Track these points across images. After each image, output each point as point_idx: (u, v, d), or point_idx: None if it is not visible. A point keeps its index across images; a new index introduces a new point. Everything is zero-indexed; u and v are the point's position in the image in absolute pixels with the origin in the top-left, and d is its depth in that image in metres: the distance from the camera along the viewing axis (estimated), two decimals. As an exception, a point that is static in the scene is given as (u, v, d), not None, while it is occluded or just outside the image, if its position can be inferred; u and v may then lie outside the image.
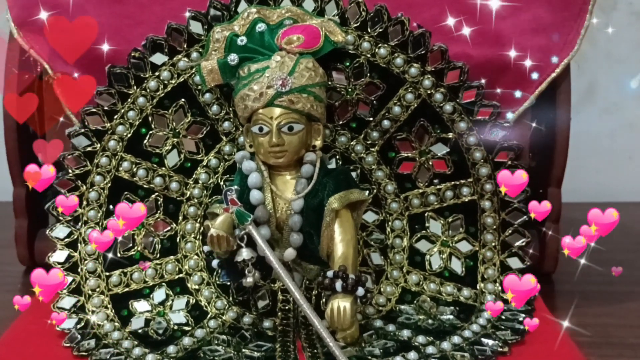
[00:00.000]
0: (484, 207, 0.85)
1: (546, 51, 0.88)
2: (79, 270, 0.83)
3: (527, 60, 0.87)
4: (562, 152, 0.92)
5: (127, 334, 0.78)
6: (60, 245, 0.83)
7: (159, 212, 0.84)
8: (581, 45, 0.89)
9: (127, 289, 0.83)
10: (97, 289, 0.82)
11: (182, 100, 0.84)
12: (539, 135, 0.93)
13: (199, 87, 0.83)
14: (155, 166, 0.84)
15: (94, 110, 0.83)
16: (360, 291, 0.74)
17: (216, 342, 0.77)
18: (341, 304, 0.74)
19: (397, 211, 0.85)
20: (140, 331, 0.79)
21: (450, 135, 0.84)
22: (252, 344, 0.77)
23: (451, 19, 0.87)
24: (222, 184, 0.84)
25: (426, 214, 0.86)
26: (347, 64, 0.83)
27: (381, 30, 0.83)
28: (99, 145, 0.83)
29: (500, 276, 0.85)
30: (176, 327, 0.80)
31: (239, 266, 0.76)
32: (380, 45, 0.83)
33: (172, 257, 0.84)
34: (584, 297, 0.89)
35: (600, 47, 1.27)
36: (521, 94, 0.87)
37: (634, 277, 0.97)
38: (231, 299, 0.82)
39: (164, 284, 0.83)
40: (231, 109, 0.83)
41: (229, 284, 0.82)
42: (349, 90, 0.83)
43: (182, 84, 0.84)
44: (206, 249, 0.83)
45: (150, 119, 0.84)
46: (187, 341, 0.77)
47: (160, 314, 0.81)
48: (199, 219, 0.85)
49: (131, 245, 0.84)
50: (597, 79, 1.31)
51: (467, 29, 0.87)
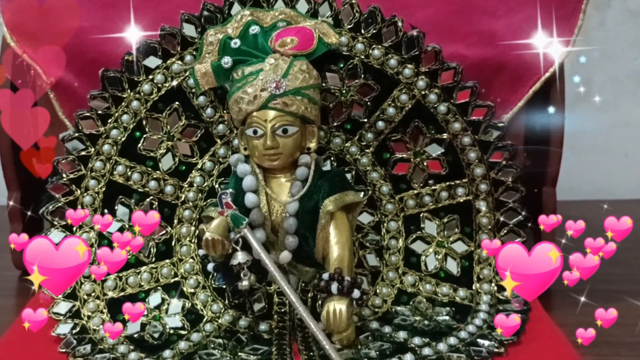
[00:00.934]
0: (479, 208, 0.85)
1: (540, 51, 0.88)
2: (74, 275, 0.82)
3: (521, 60, 0.87)
4: (556, 151, 0.92)
5: (122, 339, 0.78)
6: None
7: (154, 215, 0.84)
8: (575, 43, 0.89)
9: (122, 293, 0.83)
10: (93, 294, 0.82)
11: (176, 103, 0.83)
12: (533, 134, 0.93)
13: (193, 90, 0.83)
14: (149, 170, 0.84)
15: (88, 114, 0.83)
16: (356, 293, 0.74)
17: (212, 345, 0.77)
18: (337, 306, 0.74)
19: (392, 212, 0.85)
20: (136, 336, 0.79)
21: (444, 135, 0.84)
22: (248, 347, 0.77)
23: (445, 19, 0.87)
24: (217, 187, 0.84)
25: (421, 215, 0.86)
26: (341, 65, 0.83)
27: (375, 31, 0.83)
28: (93, 149, 0.83)
29: (495, 276, 0.85)
30: (172, 331, 0.79)
31: (235, 269, 0.76)
32: (374, 46, 0.83)
33: (167, 260, 0.84)
34: (580, 296, 0.89)
35: (594, 45, 1.27)
36: (515, 93, 0.87)
37: (630, 275, 0.97)
38: (227, 302, 0.82)
39: (159, 287, 0.83)
40: (225, 112, 0.83)
41: (224, 287, 0.82)
42: (343, 91, 0.83)
43: (176, 87, 0.83)
44: (201, 252, 0.83)
45: (144, 122, 0.84)
46: (183, 345, 0.77)
47: (156, 318, 0.81)
48: (194, 223, 0.85)
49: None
50: (592, 77, 1.31)
51: (460, 29, 0.87)
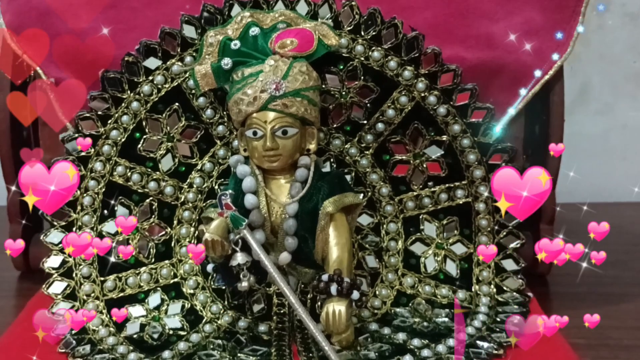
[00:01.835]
0: (479, 209, 0.85)
1: (539, 53, 0.88)
2: (74, 275, 0.82)
3: (520, 62, 0.87)
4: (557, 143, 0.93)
5: (122, 339, 0.78)
6: (54, 250, 0.83)
7: (153, 216, 0.84)
8: (574, 46, 0.89)
9: (122, 294, 0.83)
10: (92, 294, 0.82)
11: (176, 104, 0.84)
12: (532, 136, 0.94)
13: (193, 91, 0.83)
14: (149, 170, 0.84)
15: (88, 115, 0.83)
16: (355, 295, 0.74)
17: (211, 346, 0.77)
18: (336, 308, 0.74)
19: (391, 214, 0.85)
20: (135, 336, 0.79)
21: (444, 137, 0.84)
22: (248, 348, 0.77)
23: (444, 21, 0.87)
24: (216, 188, 0.84)
25: (421, 217, 0.86)
26: (341, 67, 0.83)
27: (375, 33, 0.83)
28: (92, 150, 0.83)
29: (495, 278, 0.85)
30: (171, 332, 0.79)
31: (234, 270, 0.76)
32: (373, 48, 0.83)
33: (167, 261, 0.84)
34: (578, 298, 0.89)
35: (593, 48, 1.27)
36: (515, 96, 0.88)
37: (628, 278, 0.98)
38: (226, 303, 0.82)
39: (159, 288, 0.83)
40: (225, 113, 0.83)
41: (224, 288, 0.82)
42: (343, 93, 0.83)
43: (176, 88, 0.84)
44: (201, 253, 0.83)
45: (144, 123, 0.84)
46: (182, 346, 0.77)
47: (155, 319, 0.81)
48: (193, 223, 0.85)
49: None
50: (591, 80, 1.31)
51: (460, 31, 0.87)
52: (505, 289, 0.85)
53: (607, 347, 0.80)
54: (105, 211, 0.84)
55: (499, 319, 0.81)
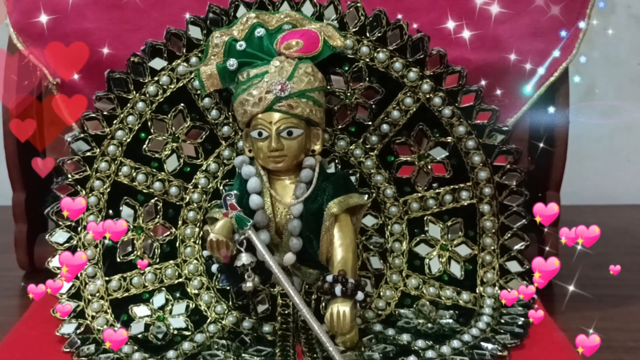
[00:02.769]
0: (483, 211, 0.85)
1: (545, 55, 0.88)
2: (79, 275, 0.83)
3: (526, 64, 0.87)
4: (560, 155, 0.93)
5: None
6: (60, 250, 0.83)
7: (158, 216, 0.84)
8: (579, 48, 0.89)
9: (126, 294, 0.83)
10: (97, 294, 0.82)
11: (182, 105, 0.84)
12: (537, 138, 0.93)
13: (198, 92, 0.83)
14: (154, 171, 0.84)
15: (93, 115, 0.84)
16: (359, 295, 0.75)
17: (216, 346, 0.77)
18: (341, 309, 0.74)
19: (396, 215, 0.85)
20: (140, 336, 0.79)
21: (449, 139, 0.84)
22: (252, 348, 0.77)
23: (450, 23, 0.87)
24: (221, 188, 0.84)
25: (425, 218, 0.86)
26: (346, 68, 0.83)
27: (380, 34, 0.83)
28: (98, 150, 0.84)
29: (499, 280, 0.85)
30: (176, 332, 0.80)
31: (239, 271, 0.76)
32: (379, 49, 0.83)
33: (171, 261, 0.84)
34: (583, 300, 0.89)
35: (598, 50, 1.27)
36: (520, 98, 0.88)
37: (632, 280, 0.98)
38: (231, 303, 0.82)
39: (163, 288, 0.83)
40: (230, 114, 0.83)
41: (228, 288, 0.82)
42: (348, 94, 0.83)
43: (182, 89, 0.84)
44: (206, 253, 0.83)
45: (149, 123, 0.84)
46: (186, 346, 0.77)
47: (160, 319, 0.81)
48: (198, 224, 0.85)
49: (131, 250, 0.84)
50: (596, 82, 1.31)
51: (465, 33, 0.87)
52: (509, 290, 0.85)
53: (610, 349, 0.79)
54: (110, 211, 0.84)
55: (503, 321, 0.81)
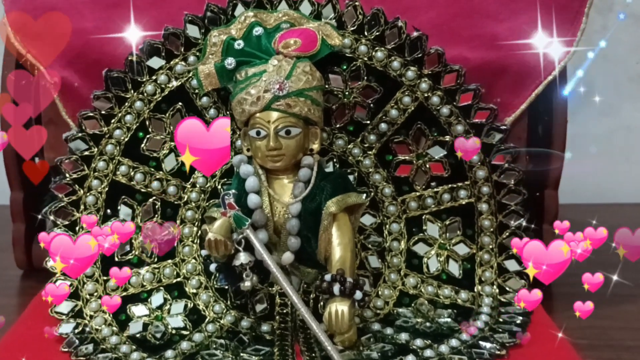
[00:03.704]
0: (481, 210, 0.85)
1: (543, 54, 0.88)
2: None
3: (524, 62, 0.87)
4: (558, 154, 0.92)
5: (125, 339, 0.78)
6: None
7: (156, 216, 0.84)
8: (577, 47, 0.89)
9: (125, 293, 0.83)
10: (95, 294, 0.82)
11: (180, 104, 0.84)
12: (535, 137, 0.93)
13: (196, 91, 0.83)
14: (152, 170, 0.84)
15: (91, 114, 0.83)
16: (358, 294, 0.75)
17: (214, 346, 0.77)
18: (339, 308, 0.74)
19: (394, 214, 0.85)
20: (138, 335, 0.79)
21: (447, 138, 0.84)
22: (250, 347, 0.77)
23: (448, 22, 0.87)
24: (219, 187, 0.84)
25: (423, 217, 0.86)
26: (344, 67, 0.83)
27: (378, 33, 0.83)
28: (96, 149, 0.84)
29: (497, 279, 0.85)
30: (174, 332, 0.79)
31: (237, 270, 0.76)
32: (377, 48, 0.83)
33: (169, 261, 0.84)
34: (581, 299, 0.89)
35: (597, 49, 1.27)
36: (518, 96, 0.88)
37: (631, 279, 0.97)
38: (229, 302, 0.82)
39: (161, 288, 0.83)
40: (228, 113, 0.83)
41: (226, 287, 0.82)
42: (346, 93, 0.83)
43: (180, 88, 0.84)
44: (204, 253, 0.83)
45: (147, 122, 0.84)
46: (185, 345, 0.77)
47: (158, 318, 0.81)
48: (196, 223, 0.85)
49: (129, 249, 0.84)
50: (594, 81, 1.31)
51: (463, 32, 0.87)
52: (507, 289, 0.85)
53: (610, 348, 0.79)
54: (108, 210, 0.84)
55: (501, 320, 0.81)
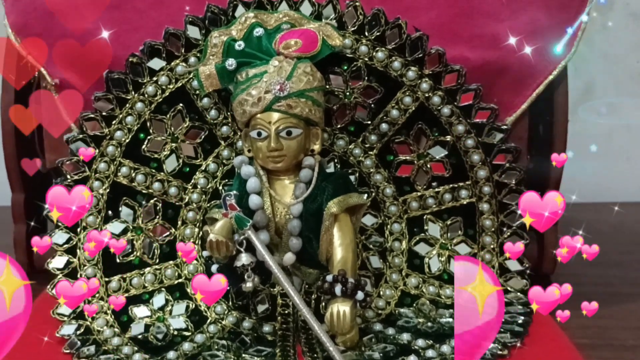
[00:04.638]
0: (483, 210, 0.85)
1: (543, 53, 0.88)
2: (78, 276, 0.83)
3: (525, 62, 0.87)
4: (559, 153, 0.92)
5: (127, 340, 0.78)
6: (59, 251, 0.83)
7: (157, 217, 0.84)
8: (578, 46, 0.89)
9: (126, 295, 0.83)
10: (97, 295, 0.82)
11: (180, 105, 0.84)
12: (536, 136, 0.93)
13: (197, 92, 0.83)
14: (153, 171, 0.84)
15: (92, 115, 0.83)
16: (359, 295, 0.75)
17: (216, 347, 0.77)
18: (341, 308, 0.74)
19: (395, 214, 0.85)
20: (140, 337, 0.79)
21: (448, 138, 0.84)
22: (252, 348, 0.77)
23: (448, 22, 0.87)
24: (220, 188, 0.84)
25: (425, 217, 0.86)
26: (345, 67, 0.83)
27: (379, 33, 0.83)
28: (97, 150, 0.84)
29: (499, 278, 0.85)
30: (176, 333, 0.80)
31: (239, 271, 0.76)
32: (377, 48, 0.83)
33: (171, 262, 0.84)
34: (583, 298, 0.89)
35: (597, 48, 1.27)
36: (519, 96, 0.88)
37: (632, 278, 0.98)
38: (231, 303, 0.82)
39: (163, 289, 0.83)
40: (229, 114, 0.83)
41: (228, 288, 0.82)
42: (347, 94, 0.83)
43: (180, 89, 0.84)
44: (205, 254, 0.83)
45: (148, 124, 0.84)
46: (187, 346, 0.77)
47: (160, 319, 0.81)
48: (197, 224, 0.85)
49: (130, 250, 0.84)
50: (594, 80, 1.31)
51: (464, 31, 0.87)
52: (509, 289, 0.85)
53: (611, 347, 0.79)
54: (109, 212, 0.84)
55: (503, 320, 0.81)
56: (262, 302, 0.82)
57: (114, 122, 0.84)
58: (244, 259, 0.75)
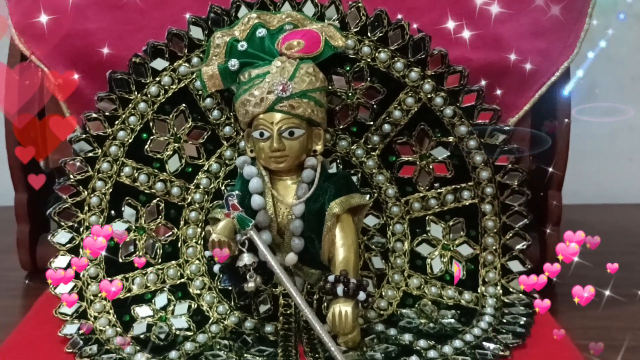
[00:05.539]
0: (485, 211, 0.85)
1: (546, 55, 0.88)
2: (81, 275, 0.83)
3: (527, 63, 0.87)
4: (562, 154, 0.92)
5: (129, 339, 0.78)
6: (62, 250, 0.83)
7: (160, 217, 0.84)
8: (581, 48, 0.89)
9: (128, 294, 0.83)
10: (99, 295, 0.82)
11: (183, 105, 0.84)
12: (539, 138, 0.93)
13: (200, 92, 0.83)
14: (156, 171, 0.84)
15: (95, 115, 0.84)
16: (361, 295, 0.75)
17: (218, 347, 0.77)
18: (342, 309, 0.74)
19: (398, 215, 0.85)
20: (142, 336, 0.79)
21: (450, 139, 0.84)
22: (254, 348, 0.77)
23: (451, 22, 0.87)
24: (223, 188, 0.85)
25: (427, 218, 0.86)
26: (348, 68, 0.83)
27: (381, 34, 0.83)
28: (100, 150, 0.84)
29: (501, 279, 0.85)
30: (178, 332, 0.80)
31: (241, 271, 0.76)
32: (380, 49, 0.83)
33: (173, 262, 0.85)
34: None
35: (599, 49, 1.27)
36: (521, 97, 0.88)
37: (634, 279, 0.97)
38: (233, 303, 0.83)
39: (165, 289, 0.84)
40: (232, 114, 0.83)
41: (230, 288, 0.82)
42: (350, 94, 0.83)
43: (183, 89, 0.84)
44: (208, 254, 0.83)
45: (151, 124, 0.84)
46: (189, 346, 0.77)
47: (162, 319, 0.81)
48: (200, 224, 0.85)
49: (133, 250, 0.84)
50: (597, 81, 1.31)
51: (466, 32, 0.87)
52: (511, 290, 0.85)
53: (613, 349, 0.79)
54: (112, 212, 0.84)
55: (505, 321, 0.81)
56: (264, 302, 0.82)
57: (117, 122, 0.84)
58: (246, 259, 0.75)
